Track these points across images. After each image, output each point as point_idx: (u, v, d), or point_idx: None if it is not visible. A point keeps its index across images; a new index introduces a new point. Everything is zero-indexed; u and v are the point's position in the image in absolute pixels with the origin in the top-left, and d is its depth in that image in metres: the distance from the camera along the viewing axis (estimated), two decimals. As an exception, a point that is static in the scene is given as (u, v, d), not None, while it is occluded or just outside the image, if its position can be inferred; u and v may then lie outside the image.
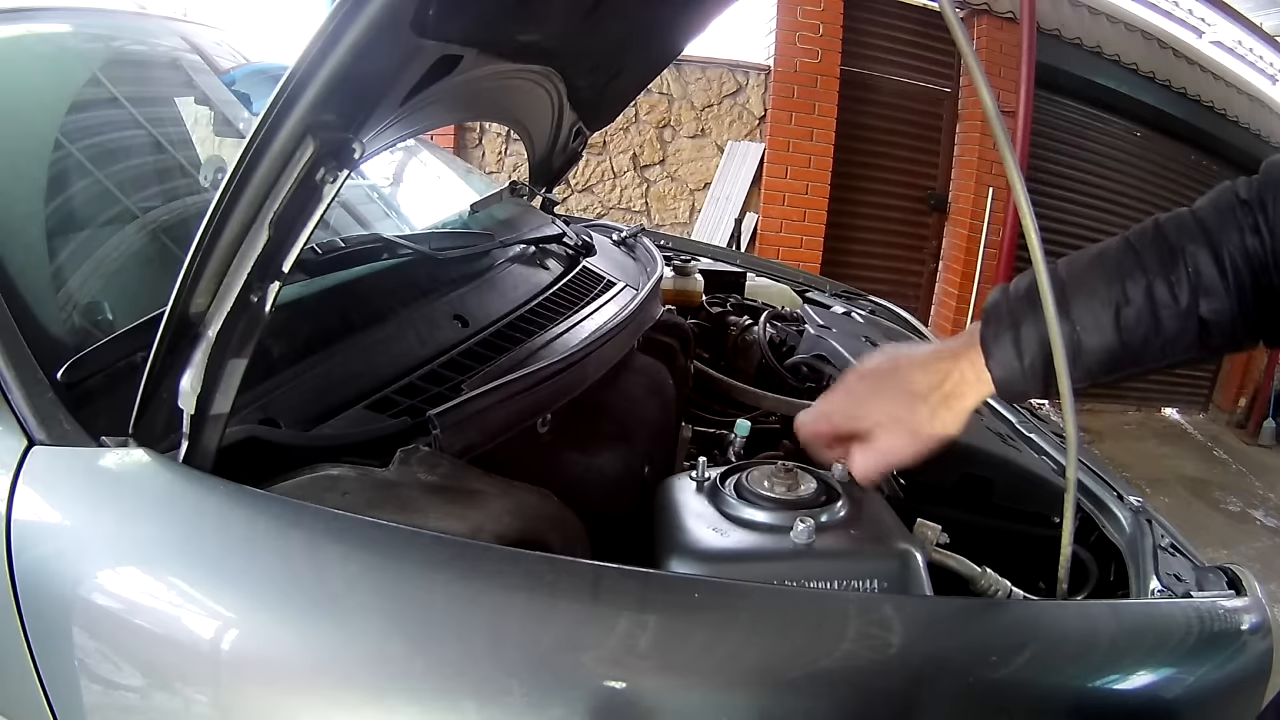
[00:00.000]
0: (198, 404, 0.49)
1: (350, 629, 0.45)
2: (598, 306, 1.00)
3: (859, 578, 0.55)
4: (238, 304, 0.49)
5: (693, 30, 1.07)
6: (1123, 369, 0.53)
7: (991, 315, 0.56)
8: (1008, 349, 0.54)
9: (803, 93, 3.99)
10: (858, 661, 0.48)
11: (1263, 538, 3.32)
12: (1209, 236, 0.51)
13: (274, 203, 0.48)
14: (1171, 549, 0.72)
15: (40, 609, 0.51)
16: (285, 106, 0.46)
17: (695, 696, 0.45)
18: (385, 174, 1.32)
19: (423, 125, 1.07)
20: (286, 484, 0.52)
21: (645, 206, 4.22)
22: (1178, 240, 0.52)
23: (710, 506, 0.62)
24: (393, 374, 0.70)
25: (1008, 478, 0.84)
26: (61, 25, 0.96)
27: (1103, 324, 0.52)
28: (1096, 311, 0.52)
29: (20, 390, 0.54)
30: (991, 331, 0.55)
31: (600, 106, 1.26)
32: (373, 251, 0.78)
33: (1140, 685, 0.52)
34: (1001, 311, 0.56)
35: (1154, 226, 0.53)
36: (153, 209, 0.82)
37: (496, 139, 3.99)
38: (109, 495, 0.51)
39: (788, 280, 1.60)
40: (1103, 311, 0.52)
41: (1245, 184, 0.52)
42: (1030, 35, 3.65)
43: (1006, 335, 0.54)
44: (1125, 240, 0.54)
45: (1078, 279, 0.54)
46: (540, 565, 0.48)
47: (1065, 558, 0.57)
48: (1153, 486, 3.60)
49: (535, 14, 0.77)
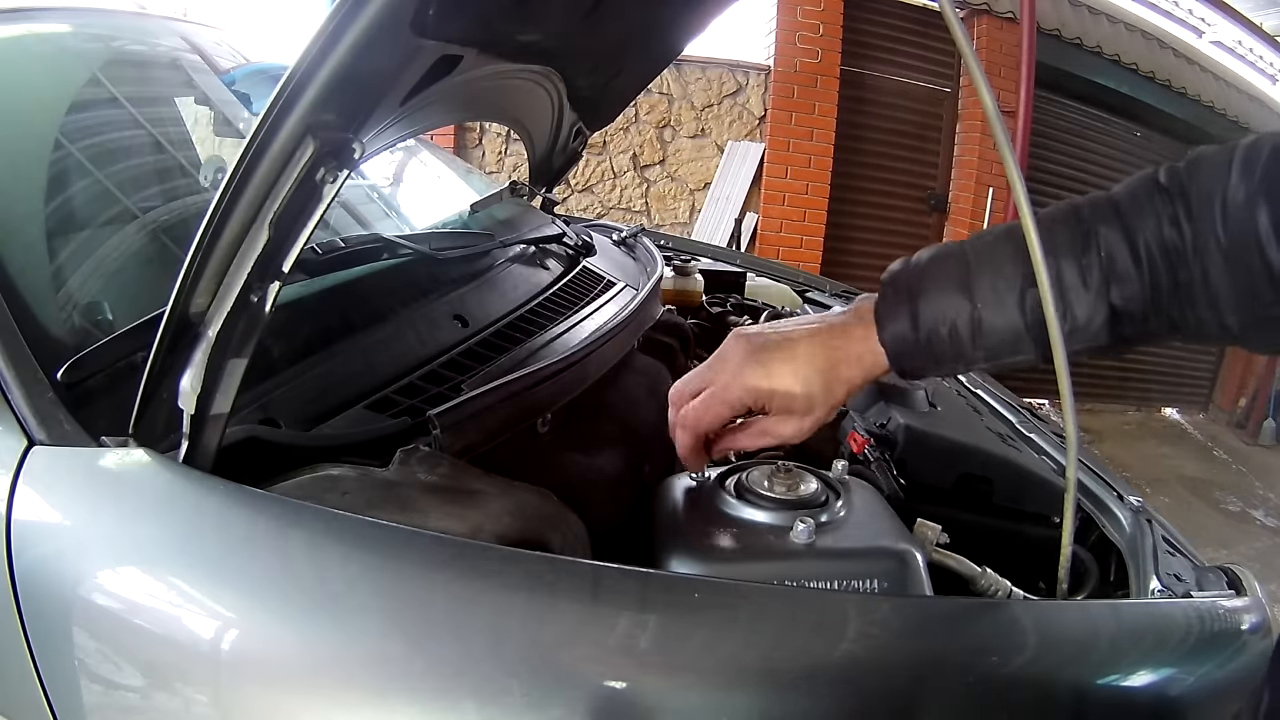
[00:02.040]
0: (198, 404, 0.49)
1: (350, 629, 0.45)
2: (598, 307, 1.00)
3: (859, 578, 0.55)
4: (238, 304, 0.49)
5: (693, 30, 1.07)
6: (1024, 352, 0.51)
7: (889, 287, 0.54)
8: (903, 322, 0.52)
9: (803, 93, 3.99)
10: (858, 661, 0.48)
11: (1263, 538, 3.32)
12: (1124, 221, 0.49)
13: (274, 203, 0.48)
14: (1171, 549, 0.72)
15: (40, 609, 0.51)
16: (285, 106, 0.46)
17: (695, 696, 0.45)
18: (385, 174, 1.32)
19: (423, 125, 1.07)
20: (286, 484, 0.52)
21: (645, 206, 4.22)
22: (1092, 223, 0.50)
23: (710, 506, 0.62)
24: (393, 374, 0.70)
25: (1008, 478, 0.84)
26: (61, 25, 0.96)
27: (1006, 304, 0.50)
28: (1000, 290, 0.50)
29: (20, 390, 0.54)
30: (887, 304, 0.53)
31: (600, 106, 1.26)
32: (373, 251, 0.78)
33: (1140, 685, 0.51)
34: (900, 284, 0.53)
35: (1069, 207, 0.51)
36: (153, 209, 0.82)
37: (496, 139, 3.99)
38: (109, 495, 0.51)
39: (788, 280, 1.60)
40: (1007, 291, 0.50)
41: (1167, 171, 0.50)
42: (1030, 35, 3.65)
43: (903, 308, 0.52)
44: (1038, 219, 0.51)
45: (983, 256, 0.52)
46: (540, 565, 0.48)
47: (1065, 558, 0.57)
48: (1153, 486, 3.61)
49: (535, 14, 0.77)
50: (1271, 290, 0.44)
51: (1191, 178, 0.48)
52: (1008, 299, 0.50)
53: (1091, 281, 0.49)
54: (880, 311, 0.53)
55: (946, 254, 0.53)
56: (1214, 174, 0.47)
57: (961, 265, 0.52)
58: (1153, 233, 0.48)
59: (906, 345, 0.52)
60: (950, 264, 0.52)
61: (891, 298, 0.53)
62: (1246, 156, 0.46)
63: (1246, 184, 0.45)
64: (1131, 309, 0.49)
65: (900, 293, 0.53)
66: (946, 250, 0.54)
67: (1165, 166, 0.50)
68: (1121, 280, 0.48)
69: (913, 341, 0.52)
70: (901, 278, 0.54)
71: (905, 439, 0.84)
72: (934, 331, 0.51)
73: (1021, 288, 0.50)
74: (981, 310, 0.50)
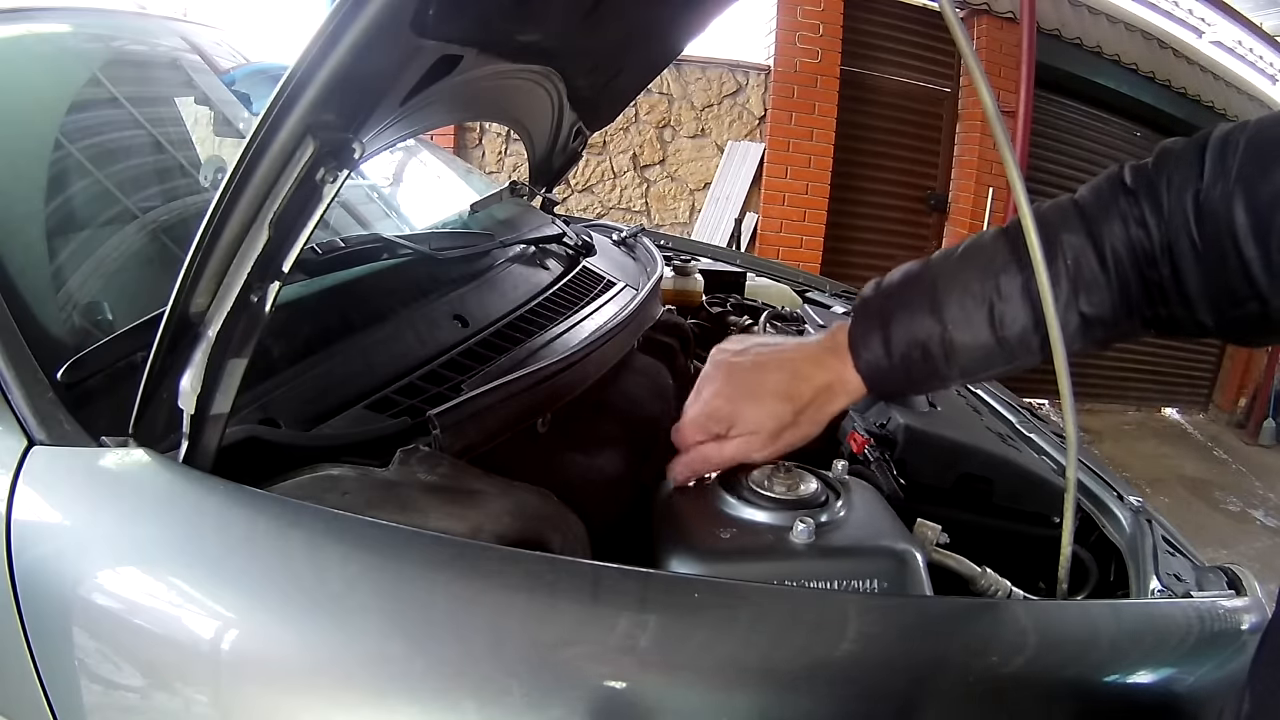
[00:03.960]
0: (198, 404, 0.49)
1: (350, 629, 0.45)
2: (598, 306, 1.00)
3: (859, 578, 0.55)
4: (238, 304, 0.49)
5: (693, 30, 1.07)
6: (997, 366, 0.51)
7: (860, 313, 0.54)
8: (876, 349, 0.52)
9: (803, 93, 3.99)
10: (858, 661, 0.47)
11: (1263, 538, 3.32)
12: (1090, 227, 0.48)
13: (274, 203, 0.48)
14: (1171, 549, 0.72)
15: (40, 609, 0.51)
16: (285, 106, 0.46)
17: (695, 696, 0.45)
18: (385, 174, 1.32)
19: (423, 125, 1.07)
20: (286, 484, 0.52)
21: (645, 206, 4.22)
22: (1057, 230, 0.49)
23: (710, 506, 0.62)
24: (393, 374, 0.70)
25: (1008, 478, 0.84)
26: (61, 25, 0.96)
27: (975, 321, 0.49)
28: (969, 309, 0.49)
29: (20, 390, 0.54)
30: (860, 330, 0.53)
31: (600, 106, 1.26)
32: (373, 251, 0.78)
33: (1140, 685, 0.51)
34: (871, 310, 0.53)
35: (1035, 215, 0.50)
36: (153, 209, 0.82)
37: (496, 139, 3.99)
38: (109, 495, 0.51)
39: (788, 280, 1.60)
40: (975, 309, 0.49)
41: (1132, 171, 0.49)
42: (1030, 35, 3.65)
43: (876, 335, 0.52)
44: (1001, 231, 0.51)
45: (950, 275, 0.51)
46: (540, 565, 0.48)
47: (1065, 558, 0.57)
48: (1153, 486, 3.61)
49: (535, 14, 0.77)
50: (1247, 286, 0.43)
51: (1160, 174, 0.47)
52: (976, 317, 0.50)
53: (1060, 291, 0.48)
54: (853, 339, 0.54)
55: (914, 276, 0.53)
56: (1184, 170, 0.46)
57: (929, 287, 0.51)
58: (1119, 236, 0.47)
59: (882, 372, 0.53)
60: (918, 286, 0.52)
61: (864, 324, 0.53)
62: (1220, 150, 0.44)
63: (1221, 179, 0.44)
64: (1101, 314, 0.48)
65: (872, 318, 0.53)
66: (914, 272, 0.54)
67: (1130, 165, 0.49)
68: (1089, 288, 0.48)
69: (887, 368, 0.52)
70: (873, 303, 0.54)
71: (905, 439, 0.84)
72: (907, 355, 0.51)
73: (990, 304, 0.49)
74: (952, 331, 0.50)
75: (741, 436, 0.58)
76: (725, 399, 0.58)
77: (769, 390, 0.56)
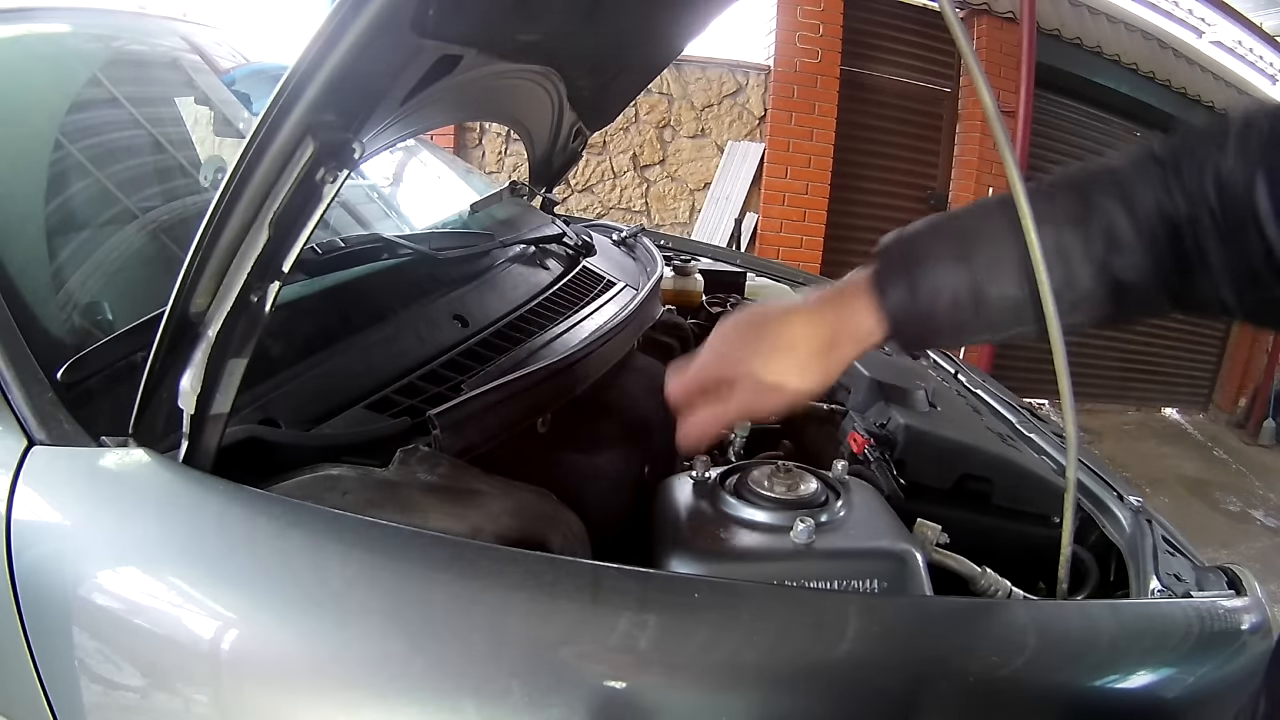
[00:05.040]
0: (198, 404, 0.49)
1: (350, 629, 0.45)
2: (598, 306, 1.00)
3: (859, 578, 0.55)
4: (238, 304, 0.49)
5: (693, 30, 1.07)
6: (1026, 323, 0.50)
7: (884, 258, 0.53)
8: (902, 291, 0.51)
9: (803, 93, 3.98)
10: (858, 661, 0.48)
11: (1263, 538, 3.32)
12: (1123, 190, 0.48)
13: (274, 203, 0.48)
14: (1171, 549, 0.72)
15: (40, 609, 0.51)
16: (285, 106, 0.46)
17: (695, 696, 0.45)
18: (385, 174, 1.32)
19: (423, 125, 1.07)
20: (286, 484, 0.52)
21: (645, 206, 4.22)
22: (1091, 192, 0.48)
23: (710, 506, 0.62)
24: (393, 374, 0.70)
25: (1008, 478, 0.84)
26: (61, 25, 0.96)
27: (1007, 274, 0.49)
28: (1001, 259, 0.49)
29: (20, 390, 0.54)
30: (885, 272, 0.52)
31: (600, 106, 1.26)
32: (373, 251, 0.78)
33: (1140, 685, 0.51)
34: (895, 255, 0.52)
35: (1068, 176, 0.50)
36: (153, 209, 0.82)
37: (496, 139, 3.99)
38: (109, 495, 0.51)
39: (788, 280, 1.60)
40: (1007, 261, 0.48)
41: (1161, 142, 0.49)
42: (1030, 35, 3.65)
43: (901, 278, 0.51)
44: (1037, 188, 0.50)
45: (980, 227, 0.50)
46: (540, 565, 0.48)
47: (1065, 558, 0.57)
48: (1153, 486, 3.60)
49: (535, 14, 0.77)
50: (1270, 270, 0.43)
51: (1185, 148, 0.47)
52: (1007, 269, 0.49)
53: (1094, 252, 0.47)
54: (879, 279, 0.52)
55: (942, 224, 0.52)
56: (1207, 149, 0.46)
57: (959, 236, 0.50)
58: (1150, 201, 0.47)
59: (906, 314, 0.51)
60: (947, 234, 0.51)
61: (888, 267, 0.52)
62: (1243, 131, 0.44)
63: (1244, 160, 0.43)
64: (1133, 279, 0.48)
65: (896, 262, 0.52)
66: (941, 221, 0.53)
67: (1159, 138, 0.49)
68: (1123, 250, 0.47)
69: (913, 311, 0.51)
70: (896, 249, 0.52)
71: (905, 439, 0.84)
72: (934, 302, 0.50)
73: (1020, 258, 0.48)
74: (982, 281, 0.49)
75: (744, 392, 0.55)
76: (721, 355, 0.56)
77: (768, 343, 0.54)
